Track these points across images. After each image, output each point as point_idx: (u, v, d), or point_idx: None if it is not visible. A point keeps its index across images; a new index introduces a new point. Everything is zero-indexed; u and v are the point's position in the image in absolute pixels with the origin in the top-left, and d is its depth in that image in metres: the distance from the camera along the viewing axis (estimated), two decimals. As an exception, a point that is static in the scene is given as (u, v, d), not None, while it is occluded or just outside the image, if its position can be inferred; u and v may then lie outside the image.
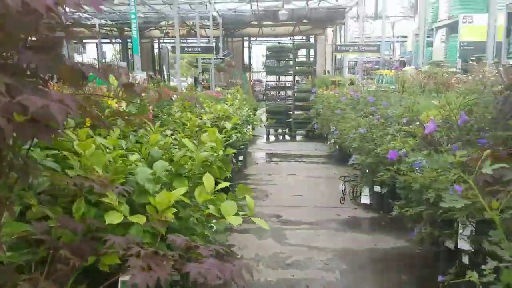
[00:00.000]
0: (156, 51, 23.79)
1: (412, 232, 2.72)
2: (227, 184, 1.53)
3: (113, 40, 22.02)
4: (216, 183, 1.58)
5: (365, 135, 4.32)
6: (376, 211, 4.16)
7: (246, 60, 23.34)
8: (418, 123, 3.18)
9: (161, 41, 23.19)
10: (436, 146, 2.79)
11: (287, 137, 10.03)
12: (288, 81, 10.42)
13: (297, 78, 11.66)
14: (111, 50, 24.52)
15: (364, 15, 14.83)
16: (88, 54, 23.66)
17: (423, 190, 2.34)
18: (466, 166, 1.82)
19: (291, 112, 10.06)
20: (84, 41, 16.74)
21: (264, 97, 14.48)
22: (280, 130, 10.35)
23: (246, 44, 22.98)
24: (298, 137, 9.86)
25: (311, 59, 10.48)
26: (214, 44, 14.14)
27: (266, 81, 12.22)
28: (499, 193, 1.63)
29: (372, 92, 6.74)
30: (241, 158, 5.73)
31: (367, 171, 4.27)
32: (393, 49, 21.32)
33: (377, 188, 4.09)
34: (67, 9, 1.08)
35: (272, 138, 9.94)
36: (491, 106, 2.56)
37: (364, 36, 15.25)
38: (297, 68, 9.92)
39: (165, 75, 20.38)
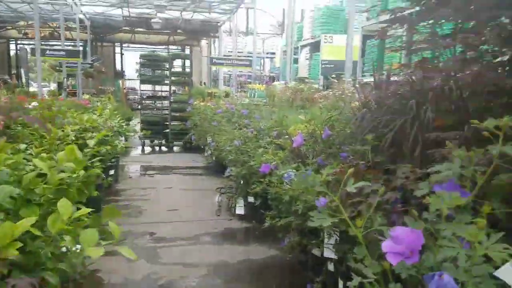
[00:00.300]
0: (13, 52, 21.31)
1: (282, 242, 2.82)
2: (87, 210, 1.36)
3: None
4: (79, 208, 1.41)
5: (240, 147, 4.40)
6: (250, 221, 4.24)
7: (119, 67, 22.31)
8: (287, 136, 3.33)
9: (19, 42, 20.86)
10: (303, 158, 2.96)
11: (163, 148, 9.77)
12: (164, 91, 10.20)
13: (174, 88, 11.50)
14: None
15: (236, 30, 15.34)
16: None
17: (292, 201, 2.44)
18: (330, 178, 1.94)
19: (167, 123, 9.83)
20: None
21: (139, 106, 13.98)
22: (156, 141, 10.04)
23: (118, 50, 21.96)
24: (176, 148, 9.68)
25: (187, 69, 10.38)
26: (81, 48, 13.19)
27: (141, 90, 11.81)
28: (360, 204, 1.77)
29: (246, 105, 6.95)
30: (112, 172, 5.37)
31: (242, 182, 4.34)
32: (263, 64, 22.43)
33: (251, 199, 4.17)
34: None
35: (147, 149, 9.59)
36: (350, 122, 2.80)
37: (237, 50, 15.78)
38: (173, 78, 9.76)
39: (24, 80, 18.31)
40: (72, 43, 15.03)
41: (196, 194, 5.44)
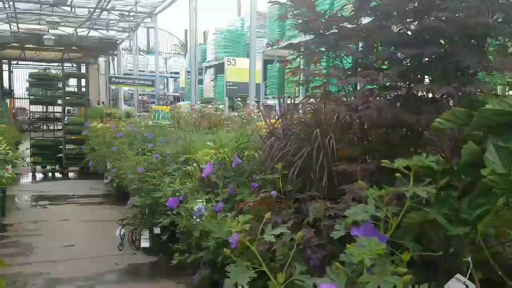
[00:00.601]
0: None
1: (193, 278, 2.69)
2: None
3: None
4: None
5: (144, 174, 4.18)
6: (157, 254, 4.00)
7: (6, 85, 20.39)
8: (195, 164, 3.23)
9: None
10: (213, 187, 2.88)
11: (58, 174, 8.99)
12: (58, 112, 9.44)
13: (69, 108, 10.71)
14: None
15: (137, 48, 14.90)
16: None
17: (203, 236, 2.34)
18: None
19: (61, 147, 9.07)
20: None
21: (29, 128, 12.85)
22: (49, 167, 9.20)
23: (5, 67, 20.07)
24: (71, 175, 8.96)
25: (84, 89, 9.75)
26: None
27: (31, 111, 10.84)
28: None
29: (149, 127, 6.69)
30: (-4, 206, 4.77)
31: (147, 212, 4.11)
32: (167, 84, 22.04)
33: (157, 231, 3.95)
34: None
35: (39, 176, 8.75)
36: (259, 149, 2.80)
37: (138, 69, 15.31)
38: (67, 98, 9.06)
39: None
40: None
41: (96, 226, 5.03)
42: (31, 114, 10.89)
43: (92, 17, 11.17)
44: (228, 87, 13.43)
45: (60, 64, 19.58)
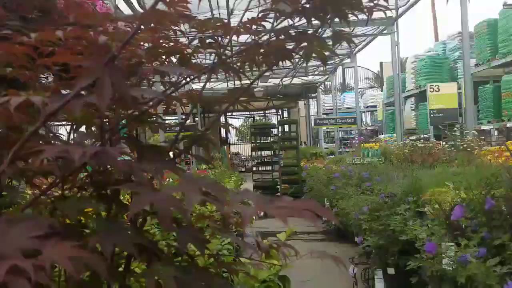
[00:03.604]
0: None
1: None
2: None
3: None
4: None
5: (371, 213, 4.29)
6: (394, 295, 3.99)
7: (223, 134, 23.81)
8: (436, 205, 3.16)
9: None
10: (462, 231, 2.77)
11: (276, 213, 9.90)
12: (267, 156, 10.64)
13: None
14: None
15: (335, 87, 15.55)
16: None
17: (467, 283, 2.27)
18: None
19: (278, 186, 10.09)
20: None
21: (244, 169, 15.16)
22: (269, 205, 10.26)
23: (222, 119, 23.52)
24: (286, 212, 9.73)
25: (293, 133, 10.70)
26: (189, 120, 14.36)
27: (251, 156, 12.43)
28: None
29: (362, 166, 6.85)
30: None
31: (377, 251, 4.16)
32: (364, 118, 22.14)
33: (390, 271, 3.96)
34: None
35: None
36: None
37: (337, 107, 15.90)
38: (281, 143, 10.10)
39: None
40: (183, 116, 16.51)
41: (323, 264, 5.32)
42: (244, 157, 12.47)
43: (296, 67, 12.26)
44: (432, 115, 12.70)
45: (264, 111, 21.89)
